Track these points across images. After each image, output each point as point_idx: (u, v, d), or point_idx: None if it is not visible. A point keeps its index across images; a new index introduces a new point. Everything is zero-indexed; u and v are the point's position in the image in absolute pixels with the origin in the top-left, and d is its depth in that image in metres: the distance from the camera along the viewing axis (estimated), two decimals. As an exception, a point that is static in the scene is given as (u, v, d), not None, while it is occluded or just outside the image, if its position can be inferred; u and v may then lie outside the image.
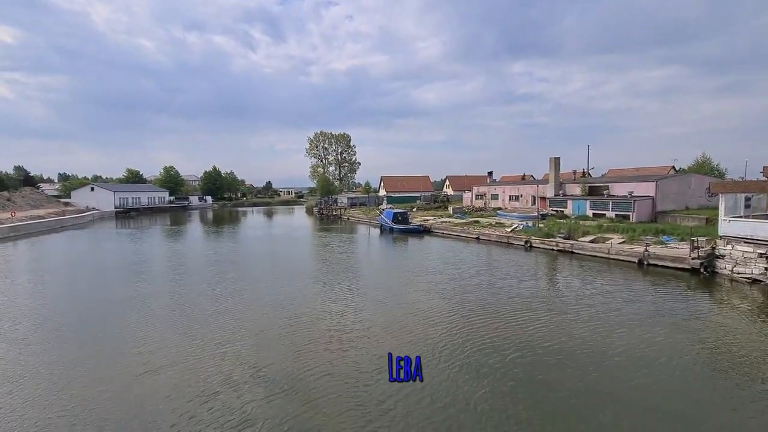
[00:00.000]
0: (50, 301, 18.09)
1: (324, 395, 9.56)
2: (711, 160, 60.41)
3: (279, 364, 11.25)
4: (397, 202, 73.98)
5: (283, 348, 12.41)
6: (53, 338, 13.64)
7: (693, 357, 11.48)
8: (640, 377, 10.24)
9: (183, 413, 8.87)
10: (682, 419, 8.53)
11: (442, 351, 11.93)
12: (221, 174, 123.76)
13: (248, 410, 8.93)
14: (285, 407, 9.05)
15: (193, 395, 9.60)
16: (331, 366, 11.08)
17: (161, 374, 10.72)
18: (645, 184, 38.91)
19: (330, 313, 15.74)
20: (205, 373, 10.75)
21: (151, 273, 24.38)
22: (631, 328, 13.61)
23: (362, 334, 13.49)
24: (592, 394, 9.50)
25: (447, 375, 10.44)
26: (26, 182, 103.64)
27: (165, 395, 9.64)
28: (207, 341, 12.94)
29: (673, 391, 9.58)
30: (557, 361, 11.17)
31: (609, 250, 25.67)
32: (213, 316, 15.45)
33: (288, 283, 20.94)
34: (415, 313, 15.60)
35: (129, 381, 10.41)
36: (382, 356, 11.56)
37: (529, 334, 13.15)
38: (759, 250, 18.93)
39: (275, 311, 16.08)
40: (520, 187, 54.85)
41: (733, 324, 14.22)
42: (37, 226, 48.94)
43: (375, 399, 9.35)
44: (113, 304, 17.38)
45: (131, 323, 14.80)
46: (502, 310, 15.74)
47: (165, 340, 13.20)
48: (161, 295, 18.96)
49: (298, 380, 10.29)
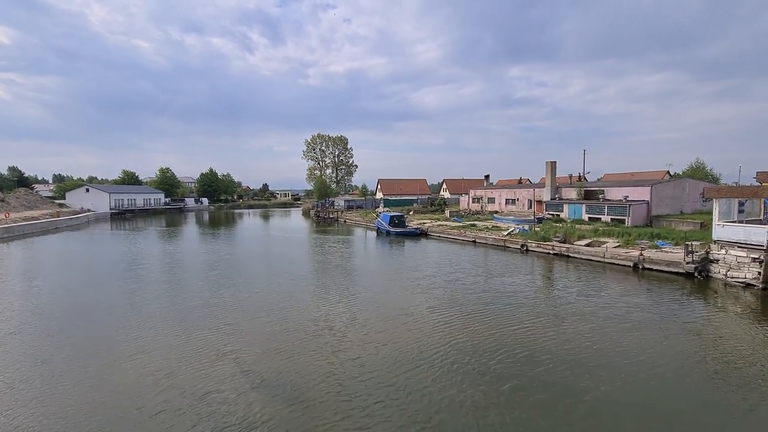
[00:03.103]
0: (42, 303, 17.91)
1: (320, 396, 9.52)
2: (705, 165, 61.04)
3: (275, 365, 11.19)
4: (394, 205, 74.02)
5: (280, 350, 12.35)
6: (43, 340, 13.48)
7: (687, 360, 11.54)
8: (635, 380, 10.28)
9: (178, 414, 8.80)
10: (677, 421, 8.56)
11: (439, 353, 11.92)
12: (218, 176, 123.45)
13: (244, 411, 8.87)
14: (281, 409, 8.99)
15: (187, 397, 9.53)
16: (326, 367, 11.03)
17: (155, 376, 10.63)
18: (640, 188, 39.16)
19: (325, 315, 15.69)
20: (200, 375, 10.67)
21: (145, 275, 24.23)
22: (626, 331, 13.67)
23: (358, 336, 13.45)
24: (588, 396, 9.51)
25: (444, 377, 10.43)
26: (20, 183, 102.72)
27: (161, 397, 9.56)
28: (201, 343, 12.85)
29: (667, 394, 9.62)
30: (554, 364, 11.19)
31: (604, 254, 25.80)
32: (207, 318, 15.35)
33: (283, 286, 20.87)
34: (411, 315, 15.59)
35: (124, 382, 10.33)
36: (379, 357, 11.55)
37: (526, 338, 13.17)
38: (752, 254, 19.09)
39: (271, 313, 16.01)
40: (517, 191, 55.05)
41: (726, 328, 14.32)
42: (31, 227, 48.56)
43: (372, 400, 9.33)
44: (106, 307, 17.25)
45: (124, 326, 14.68)
46: (499, 313, 15.76)
47: (159, 342, 13.10)
48: (154, 297, 18.83)
49: (294, 382, 10.24)
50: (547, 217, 43.04)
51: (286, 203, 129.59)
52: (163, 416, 8.84)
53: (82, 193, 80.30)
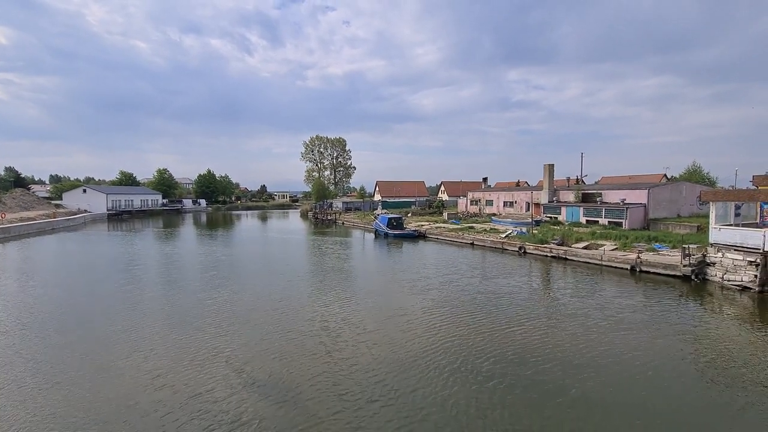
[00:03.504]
0: (36, 304, 17.79)
1: (313, 395, 9.48)
2: (702, 169, 61.22)
3: (269, 365, 11.14)
4: (392, 207, 74.03)
5: (274, 350, 12.29)
6: (37, 341, 13.39)
7: (682, 362, 11.55)
8: (630, 381, 10.28)
9: (172, 414, 8.74)
10: (670, 423, 8.56)
11: (436, 354, 11.89)
12: (215, 177, 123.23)
13: (240, 412, 8.82)
14: (274, 408, 8.95)
15: (181, 396, 9.47)
16: (320, 367, 10.99)
17: (150, 376, 10.57)
18: (637, 191, 39.29)
19: (321, 316, 15.64)
20: (195, 374, 10.62)
21: (141, 276, 24.11)
22: (623, 334, 13.67)
23: (353, 336, 13.41)
24: (582, 397, 9.50)
25: (440, 378, 10.40)
26: (17, 184, 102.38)
27: (155, 396, 9.50)
28: (196, 343, 12.79)
29: (662, 396, 9.62)
30: (550, 365, 11.18)
31: (602, 257, 25.84)
32: (203, 319, 15.28)
33: (280, 288, 20.81)
34: (406, 316, 15.55)
35: (119, 382, 10.26)
36: (372, 357, 11.51)
37: (520, 339, 13.16)
38: (749, 257, 19.15)
39: (267, 314, 15.94)
40: (515, 194, 55.14)
41: (722, 331, 14.34)
42: (28, 228, 48.34)
43: (365, 399, 9.28)
44: (101, 308, 17.15)
45: (119, 326, 14.60)
46: (496, 315, 15.75)
47: (154, 342, 13.03)
48: (150, 298, 18.73)
49: (287, 382, 10.19)
50: (545, 220, 43.13)
51: (284, 205, 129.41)
52: (157, 416, 8.78)
53: (79, 193, 79.96)
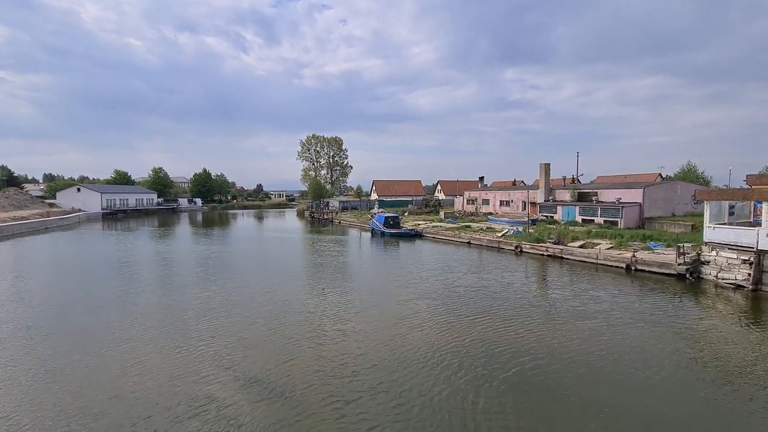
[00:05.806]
0: (29, 303, 17.62)
1: (309, 395, 9.45)
2: (696, 168, 61.67)
3: (264, 365, 11.09)
4: (388, 206, 74.01)
5: (269, 350, 12.24)
6: (32, 341, 13.27)
7: (675, 360, 11.62)
8: (627, 381, 10.33)
9: (166, 413, 8.68)
10: (664, 422, 8.60)
11: (433, 354, 11.88)
12: (211, 176, 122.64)
13: (236, 412, 8.77)
14: (272, 410, 8.91)
15: (176, 396, 9.41)
16: (315, 366, 10.95)
17: (144, 376, 10.50)
18: (633, 190, 39.53)
19: (316, 315, 15.60)
20: (190, 374, 10.55)
21: (136, 275, 23.95)
22: (619, 332, 13.74)
23: (347, 336, 13.39)
24: (576, 396, 9.53)
25: (437, 378, 10.40)
26: (10, 183, 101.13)
27: (149, 396, 9.43)
28: (191, 343, 12.72)
29: (655, 394, 9.67)
30: (546, 364, 11.20)
31: (597, 256, 25.97)
32: (197, 318, 15.20)
33: (275, 287, 20.74)
34: (404, 316, 15.54)
35: (114, 383, 10.18)
36: (367, 357, 11.49)
37: (519, 338, 13.18)
38: (742, 256, 19.31)
39: (262, 313, 15.88)
40: (511, 193, 55.30)
41: (716, 329, 14.44)
42: (20, 227, 47.88)
43: (361, 398, 9.26)
44: (95, 308, 16.99)
45: (113, 325, 14.48)
46: (493, 314, 15.77)
47: (147, 342, 12.94)
48: (144, 297, 18.59)
49: (282, 381, 10.15)
50: (541, 219, 43.28)
51: (280, 204, 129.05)
52: (152, 416, 8.71)
53: (73, 192, 79.32)
